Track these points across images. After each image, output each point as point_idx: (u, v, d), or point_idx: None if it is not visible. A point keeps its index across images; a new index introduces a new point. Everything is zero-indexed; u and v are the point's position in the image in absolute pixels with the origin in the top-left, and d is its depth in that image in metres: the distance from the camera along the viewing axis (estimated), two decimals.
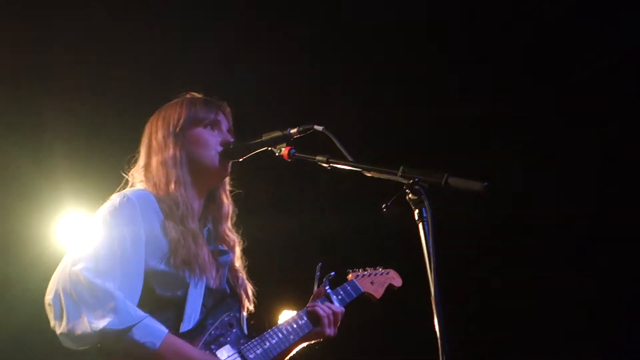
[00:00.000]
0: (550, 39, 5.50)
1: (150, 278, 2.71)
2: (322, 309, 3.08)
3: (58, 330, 2.51)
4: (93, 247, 2.62)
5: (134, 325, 2.50)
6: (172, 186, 2.88)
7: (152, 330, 2.54)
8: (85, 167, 5.51)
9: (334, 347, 3.26)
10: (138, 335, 2.50)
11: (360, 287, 3.45)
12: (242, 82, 5.32)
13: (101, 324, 2.46)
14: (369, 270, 3.61)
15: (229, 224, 3.12)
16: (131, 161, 3.06)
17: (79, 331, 2.47)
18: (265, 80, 5.52)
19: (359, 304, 3.40)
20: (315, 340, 3.14)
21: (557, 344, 7.08)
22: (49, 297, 2.55)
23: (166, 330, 2.57)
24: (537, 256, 6.84)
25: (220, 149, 3.00)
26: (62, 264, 2.62)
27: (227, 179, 3.13)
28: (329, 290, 3.22)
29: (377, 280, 3.59)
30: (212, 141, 3.01)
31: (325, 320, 3.07)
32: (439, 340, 2.25)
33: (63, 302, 2.50)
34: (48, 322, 2.58)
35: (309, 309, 3.10)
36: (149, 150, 3.01)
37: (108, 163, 3.07)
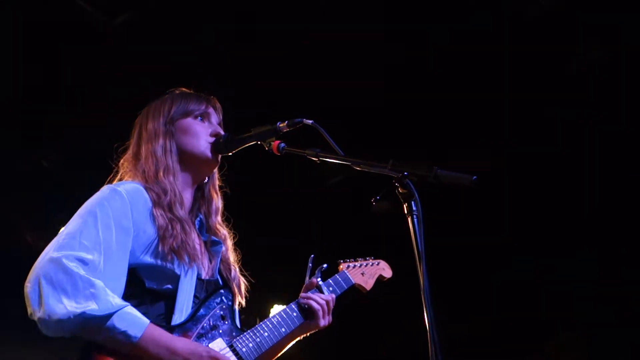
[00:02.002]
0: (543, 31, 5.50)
1: (139, 271, 2.70)
2: (315, 301, 3.07)
3: (37, 315, 2.47)
4: (76, 237, 2.59)
5: (114, 313, 2.48)
6: (161, 174, 2.89)
7: (134, 319, 2.52)
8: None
9: (324, 337, 3.26)
10: (119, 323, 2.47)
11: (351, 278, 3.43)
12: None
13: (80, 309, 2.43)
14: (360, 260, 3.59)
15: (219, 218, 3.13)
16: (119, 151, 3.08)
17: (56, 316, 2.43)
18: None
19: (350, 295, 3.40)
20: (312, 332, 3.14)
21: (547, 334, 7.14)
22: (28, 284, 2.51)
23: (148, 321, 2.55)
24: (531, 247, 6.89)
25: (210, 139, 3.02)
26: (43, 253, 2.58)
27: (217, 175, 3.15)
28: (320, 282, 3.21)
29: (367, 272, 3.56)
30: (202, 132, 3.03)
31: (320, 313, 3.07)
32: (428, 333, 2.27)
33: (42, 287, 2.46)
34: None
35: (302, 302, 3.09)
36: (139, 140, 3.04)
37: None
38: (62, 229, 2.67)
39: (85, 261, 2.54)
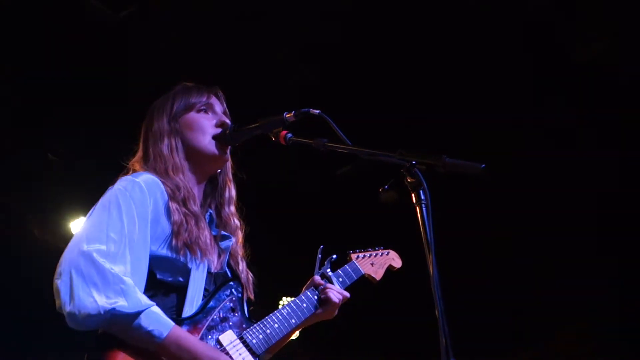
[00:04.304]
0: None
1: (152, 263, 2.71)
2: (333, 294, 3.10)
3: (66, 309, 2.47)
4: (103, 229, 2.61)
5: (142, 312, 2.50)
6: (171, 172, 2.91)
7: (160, 319, 2.54)
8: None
9: (333, 328, 3.26)
10: (145, 322, 2.49)
11: (360, 268, 3.43)
12: None
13: (110, 304, 2.45)
14: (370, 251, 3.59)
15: (233, 208, 3.14)
16: (130, 153, 3.08)
17: (86, 310, 2.45)
18: None
19: (358, 285, 3.39)
20: (315, 322, 3.16)
21: (557, 325, 7.13)
22: (59, 277, 2.52)
23: (172, 322, 2.57)
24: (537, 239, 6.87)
25: (215, 131, 3.02)
26: (72, 244, 2.60)
27: (230, 164, 3.15)
28: (330, 273, 3.22)
29: (377, 262, 3.56)
30: (207, 124, 3.03)
31: (336, 302, 3.10)
32: (439, 322, 2.25)
33: (73, 281, 2.48)
34: None
35: (323, 296, 3.10)
36: (145, 142, 3.05)
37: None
38: (86, 219, 2.69)
39: (114, 255, 2.56)
